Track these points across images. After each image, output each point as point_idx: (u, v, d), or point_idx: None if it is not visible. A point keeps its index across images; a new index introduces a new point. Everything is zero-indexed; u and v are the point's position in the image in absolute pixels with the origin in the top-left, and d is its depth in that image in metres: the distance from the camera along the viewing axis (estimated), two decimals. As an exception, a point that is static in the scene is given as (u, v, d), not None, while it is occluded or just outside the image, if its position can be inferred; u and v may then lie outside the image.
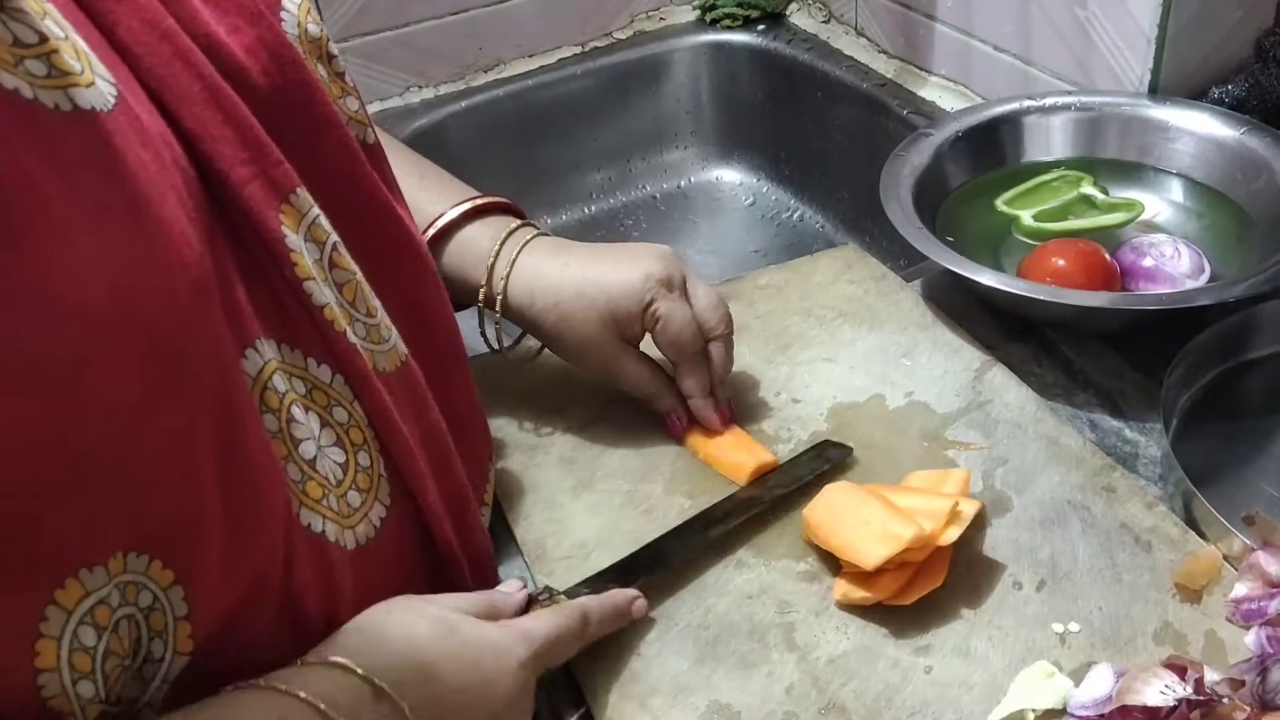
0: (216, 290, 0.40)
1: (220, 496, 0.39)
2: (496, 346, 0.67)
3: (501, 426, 0.69)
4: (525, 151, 1.18)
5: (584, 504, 0.63)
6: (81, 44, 0.37)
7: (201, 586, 0.39)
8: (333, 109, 0.48)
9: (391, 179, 0.54)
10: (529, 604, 0.53)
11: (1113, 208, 0.82)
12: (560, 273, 0.64)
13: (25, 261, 0.33)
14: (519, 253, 0.65)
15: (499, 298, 0.64)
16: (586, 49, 1.21)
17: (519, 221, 0.67)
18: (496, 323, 0.66)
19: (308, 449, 0.45)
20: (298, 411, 0.44)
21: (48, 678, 0.35)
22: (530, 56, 1.19)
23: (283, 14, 0.47)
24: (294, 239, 0.44)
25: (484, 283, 0.65)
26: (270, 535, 0.42)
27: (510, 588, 0.54)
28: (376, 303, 0.50)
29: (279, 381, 0.44)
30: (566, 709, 0.54)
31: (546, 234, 0.67)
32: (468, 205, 0.66)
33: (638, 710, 0.52)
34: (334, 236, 0.47)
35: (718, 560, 0.59)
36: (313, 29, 0.49)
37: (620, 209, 1.24)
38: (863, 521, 0.56)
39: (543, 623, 0.50)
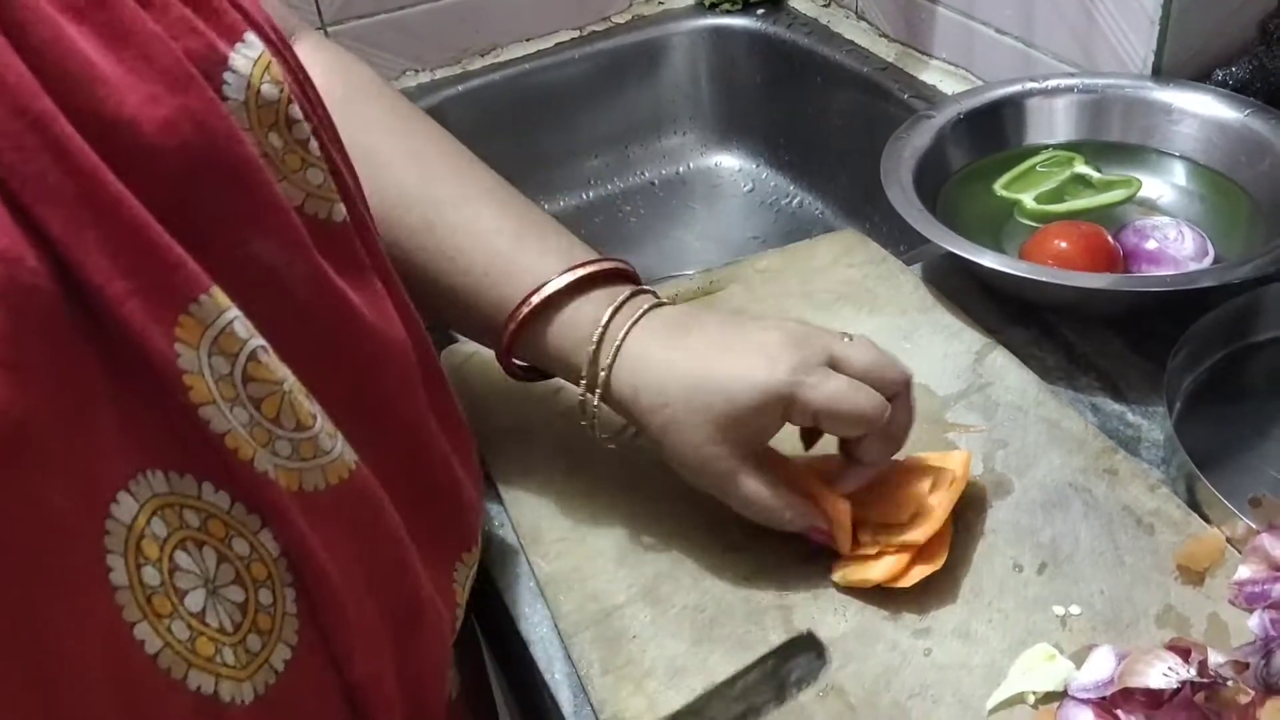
0: (51, 443, 0.33)
1: (81, 696, 0.34)
2: (598, 436, 0.58)
3: (495, 412, 0.68)
4: (522, 137, 1.17)
5: (580, 486, 0.63)
6: None
7: None
8: (274, 190, 0.41)
9: (369, 258, 0.47)
10: None
11: (1110, 185, 0.81)
12: (671, 365, 0.53)
13: None
14: (625, 335, 0.54)
15: (598, 391, 0.55)
16: (584, 33, 1.20)
17: (629, 289, 0.56)
18: (596, 410, 0.56)
19: (195, 600, 0.38)
20: (183, 557, 0.38)
21: None
22: (527, 40, 1.18)
23: (226, 75, 0.39)
24: (190, 357, 0.37)
25: (585, 368, 0.55)
26: (150, 710, 0.36)
27: None
28: (314, 409, 0.42)
29: (158, 525, 0.37)
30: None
31: (665, 304, 0.57)
32: (577, 274, 0.56)
33: (633, 693, 0.52)
34: (256, 341, 0.40)
35: (714, 543, 0.58)
36: (267, 90, 0.41)
37: (618, 195, 1.23)
38: (868, 487, 0.56)
39: None
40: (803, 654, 0.53)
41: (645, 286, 0.59)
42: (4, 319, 0.31)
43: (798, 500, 0.55)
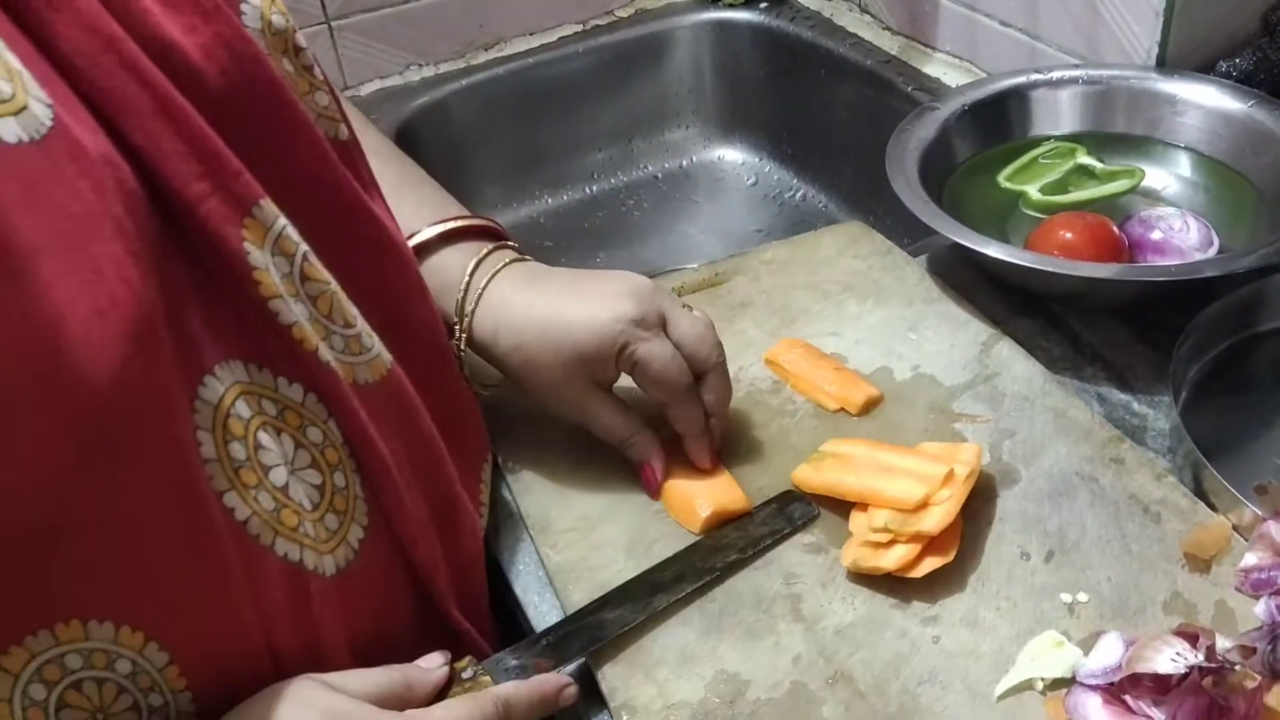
0: (163, 328, 0.37)
1: (178, 544, 0.38)
2: (470, 384, 0.62)
3: (504, 403, 0.68)
4: (526, 131, 1.17)
5: (589, 476, 0.63)
6: (14, 62, 0.34)
7: (176, 640, 0.38)
8: (300, 107, 0.45)
9: (368, 176, 0.51)
10: (450, 682, 0.49)
11: (1113, 176, 0.81)
12: (525, 309, 0.58)
13: None
14: (487, 283, 0.60)
15: (464, 335, 0.60)
16: (588, 27, 1.20)
17: (493, 245, 0.62)
18: (463, 356, 0.61)
19: (278, 475, 0.42)
20: (265, 437, 0.42)
21: None
22: (531, 35, 1.18)
23: (244, 6, 0.44)
24: (258, 255, 0.42)
25: (455, 315, 0.60)
26: (229, 578, 0.40)
27: (430, 663, 0.49)
28: (355, 311, 0.47)
29: (243, 407, 0.41)
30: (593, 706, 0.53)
31: (525, 259, 0.62)
32: (443, 227, 0.61)
33: (643, 681, 0.52)
34: (304, 246, 0.44)
35: (723, 531, 0.59)
36: (277, 20, 0.45)
37: (622, 189, 1.23)
38: (884, 469, 0.56)
39: (452, 715, 0.46)
40: (798, 501, 0.60)
41: (510, 243, 0.63)
42: (125, 215, 0.36)
43: (646, 436, 0.60)
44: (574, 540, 0.59)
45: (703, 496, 0.59)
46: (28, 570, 0.34)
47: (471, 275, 0.60)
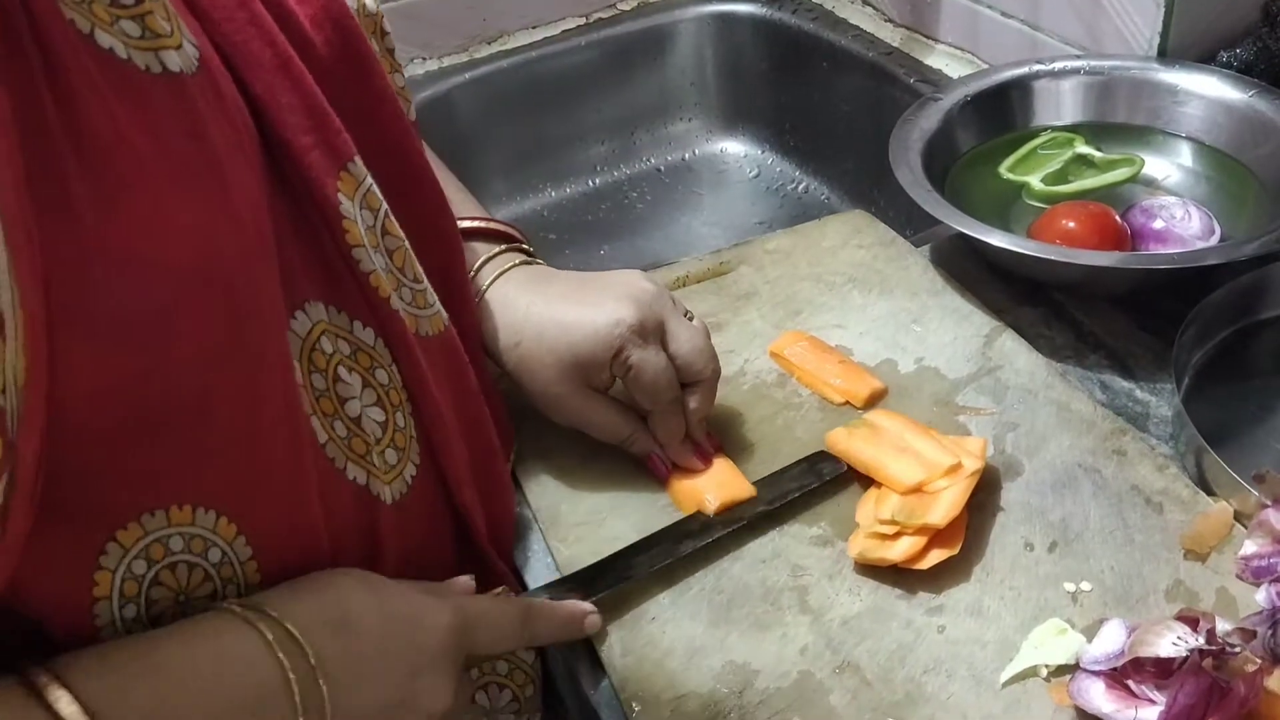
0: (275, 253, 0.41)
1: (279, 451, 0.41)
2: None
3: (513, 398, 0.69)
4: (529, 124, 1.18)
5: (597, 471, 0.63)
6: (169, 5, 0.38)
7: (264, 540, 0.41)
8: (388, 82, 0.49)
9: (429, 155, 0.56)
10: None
11: (1112, 165, 0.81)
12: (525, 310, 0.60)
13: (121, 221, 0.34)
14: (491, 283, 0.61)
15: None
16: (590, 20, 1.20)
17: (503, 247, 0.63)
18: None
19: (352, 407, 0.46)
20: (343, 371, 0.46)
21: (102, 606, 0.38)
22: (534, 28, 1.19)
23: None
24: (348, 206, 0.46)
25: None
26: (316, 489, 0.43)
27: (458, 581, 0.52)
28: (421, 270, 0.51)
29: (326, 342, 0.45)
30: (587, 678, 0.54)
31: (534, 262, 0.63)
32: (473, 224, 0.63)
33: (653, 672, 0.53)
34: (385, 205, 0.48)
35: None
36: (370, 3, 0.50)
37: (624, 181, 1.23)
38: (901, 448, 0.59)
39: (479, 602, 0.50)
40: (828, 459, 0.62)
41: (523, 246, 0.65)
42: (252, 149, 0.40)
43: (643, 431, 0.61)
44: (584, 534, 0.60)
45: (710, 489, 0.60)
46: (170, 448, 0.37)
47: (477, 272, 0.62)
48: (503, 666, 0.56)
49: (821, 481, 0.60)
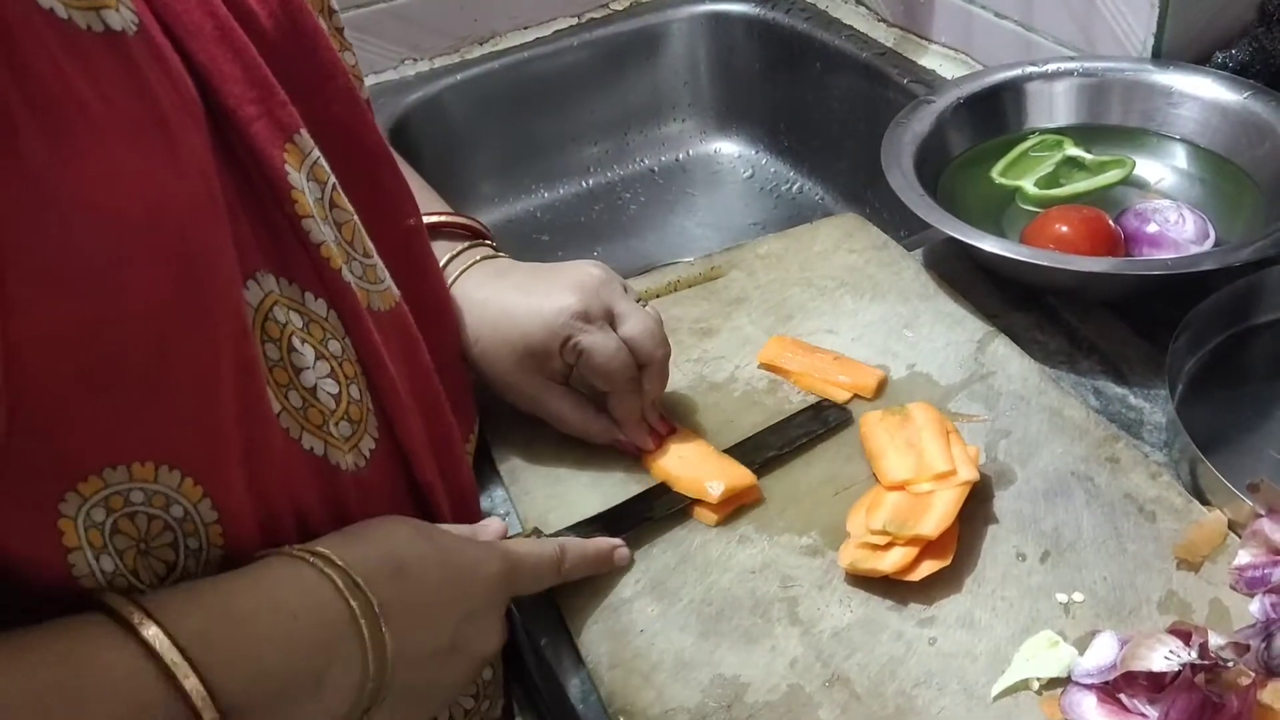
0: (225, 213, 0.41)
1: (238, 413, 0.41)
2: None
3: (501, 404, 0.68)
4: (521, 125, 1.17)
5: (586, 478, 0.63)
6: None
7: (229, 503, 0.42)
8: (336, 56, 0.49)
9: (382, 132, 0.55)
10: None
11: (1103, 166, 0.81)
12: (482, 304, 0.61)
13: (71, 170, 0.34)
14: (455, 279, 0.63)
15: None
16: (583, 20, 1.20)
17: (467, 243, 0.65)
18: None
19: (307, 378, 0.46)
20: (297, 342, 0.46)
21: (76, 557, 0.38)
22: (525, 29, 1.18)
23: None
24: (296, 177, 0.46)
25: None
26: (275, 456, 0.44)
27: (491, 524, 0.56)
28: (372, 245, 0.51)
29: (279, 313, 0.45)
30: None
31: (497, 256, 0.65)
32: (440, 218, 0.65)
33: (642, 685, 0.52)
34: (333, 179, 0.48)
35: (720, 536, 0.59)
36: None
37: (618, 182, 1.23)
38: (908, 444, 0.59)
39: (521, 546, 0.52)
40: (832, 407, 0.65)
41: (487, 241, 0.66)
42: (198, 114, 0.40)
43: (602, 422, 0.62)
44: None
45: (713, 477, 0.60)
46: (127, 403, 0.37)
47: (442, 270, 0.63)
48: None
49: (827, 428, 0.62)
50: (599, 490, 0.62)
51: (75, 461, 0.37)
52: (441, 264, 0.63)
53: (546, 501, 0.62)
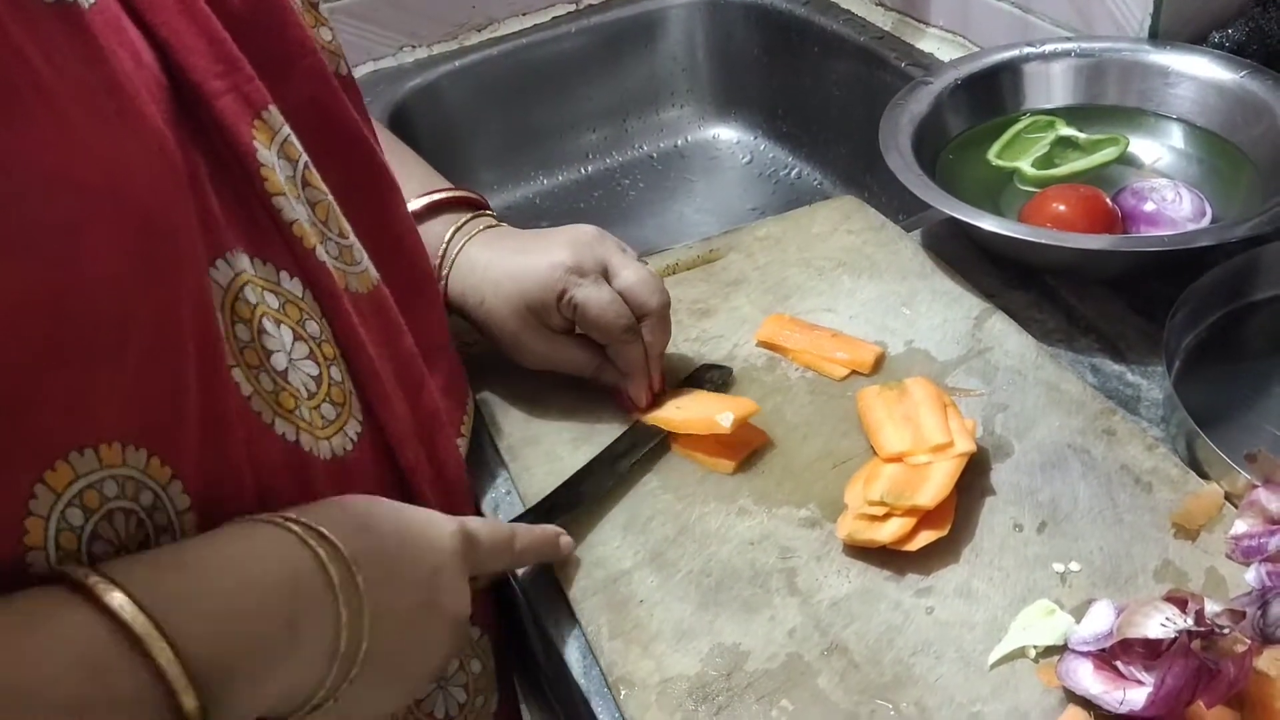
0: (189, 186, 0.40)
1: (199, 390, 0.40)
2: (460, 344, 0.66)
3: (500, 382, 0.69)
4: (520, 112, 1.17)
5: (584, 455, 0.63)
6: None
7: (198, 487, 0.40)
8: (306, 34, 0.49)
9: (362, 112, 0.54)
10: None
11: (1097, 145, 0.81)
12: (486, 268, 0.63)
13: (20, 132, 0.33)
14: (461, 249, 0.64)
15: (447, 301, 0.64)
16: (581, 6, 1.20)
17: (471, 214, 0.66)
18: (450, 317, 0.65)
19: (279, 360, 0.45)
20: (269, 324, 0.45)
21: (35, 555, 0.36)
22: (523, 15, 1.18)
23: None
24: (266, 154, 0.45)
25: (441, 278, 0.64)
26: (238, 439, 0.42)
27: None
28: (348, 226, 0.50)
29: (250, 293, 0.44)
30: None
31: (498, 225, 0.66)
32: (430, 199, 0.66)
33: (641, 656, 0.52)
34: (305, 157, 0.48)
35: (719, 508, 0.59)
36: None
37: (616, 169, 1.23)
38: (905, 417, 0.60)
39: (476, 521, 0.51)
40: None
41: (488, 211, 0.68)
42: (158, 95, 0.39)
43: (608, 363, 0.64)
44: (571, 518, 0.60)
45: (720, 411, 0.61)
46: (91, 377, 0.36)
47: (449, 241, 0.65)
48: None
49: (714, 387, 0.65)
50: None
51: (42, 443, 0.36)
52: (446, 237, 0.64)
53: (546, 479, 0.62)
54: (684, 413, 0.63)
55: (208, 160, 0.43)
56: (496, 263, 0.63)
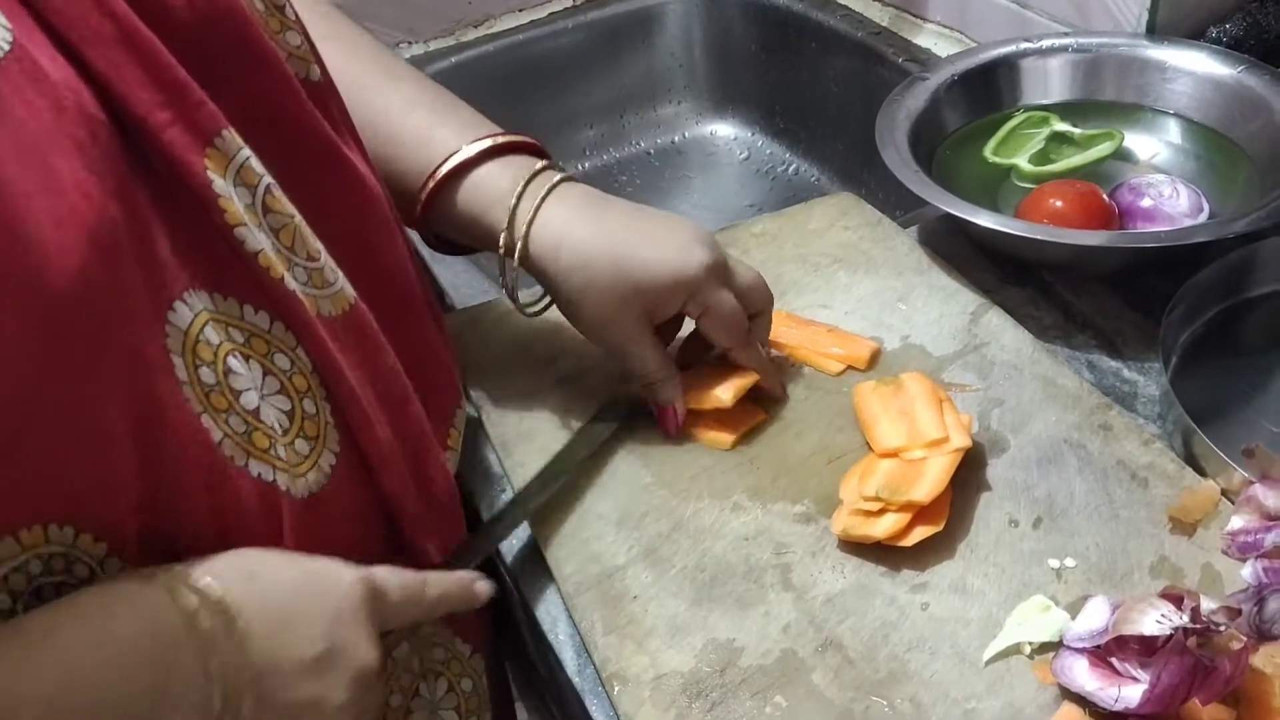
0: (128, 245, 0.38)
1: (140, 457, 0.38)
2: (513, 298, 0.63)
3: (493, 377, 0.68)
4: (516, 108, 1.17)
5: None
6: None
7: (131, 553, 0.39)
8: (267, 44, 0.45)
9: (340, 117, 0.52)
10: None
11: (1093, 140, 0.81)
12: (594, 234, 0.59)
13: None
14: (544, 199, 0.60)
15: (519, 245, 0.60)
16: (577, 2, 1.20)
17: (543, 163, 0.62)
18: (515, 271, 0.61)
19: (249, 399, 0.43)
20: (235, 362, 0.43)
21: None
22: (520, 11, 1.18)
23: None
24: (221, 184, 0.43)
25: (504, 228, 0.60)
26: (191, 495, 0.41)
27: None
28: (319, 245, 0.48)
29: (212, 333, 0.42)
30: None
31: (574, 180, 0.62)
32: (488, 143, 0.61)
33: (635, 651, 0.52)
34: (267, 179, 0.45)
35: (714, 504, 0.59)
36: None
37: (614, 165, 1.22)
38: (901, 412, 0.59)
39: (384, 569, 0.48)
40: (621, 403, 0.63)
41: (554, 163, 0.64)
42: (86, 136, 0.37)
43: (675, 379, 0.62)
44: (565, 514, 0.60)
45: (718, 385, 0.63)
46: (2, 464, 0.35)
47: (525, 188, 0.60)
48: (439, 653, 0.55)
49: (614, 429, 0.63)
50: (595, 465, 0.62)
51: None
52: (518, 186, 0.60)
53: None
54: (684, 387, 0.63)
55: (159, 196, 0.41)
56: (611, 235, 0.59)
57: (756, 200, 1.18)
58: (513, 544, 0.60)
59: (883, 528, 0.54)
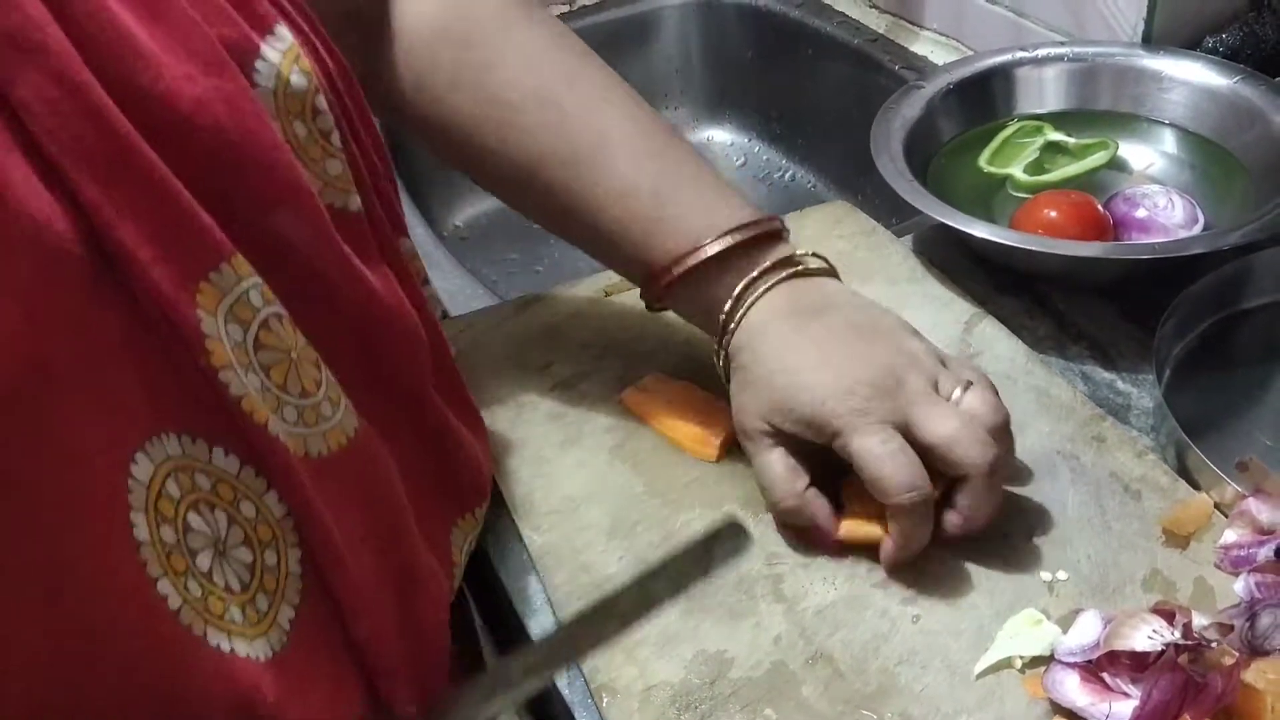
0: (66, 386, 0.34)
1: (47, 648, 0.34)
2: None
3: (487, 384, 0.68)
4: (513, 112, 1.17)
5: (572, 458, 0.63)
6: None
7: None
8: (298, 173, 0.42)
9: (373, 245, 0.48)
10: None
11: (1087, 150, 0.81)
12: (780, 339, 0.56)
13: None
14: (745, 312, 0.58)
15: (724, 350, 0.59)
16: (574, 7, 1.19)
17: (771, 260, 0.59)
18: (721, 366, 0.60)
19: (203, 560, 0.39)
20: (194, 519, 0.39)
21: None
22: (517, 15, 1.18)
23: (258, 64, 0.42)
24: (210, 323, 0.39)
25: (718, 335, 0.59)
26: (144, 683, 0.37)
27: None
28: (320, 375, 0.44)
29: (172, 487, 0.38)
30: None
31: (800, 273, 0.59)
32: (728, 241, 0.58)
33: (624, 661, 0.52)
34: (269, 309, 0.42)
35: (704, 515, 0.59)
36: (296, 81, 0.43)
37: (610, 171, 1.22)
38: None
39: None
40: (730, 539, 0.45)
41: (787, 248, 0.61)
42: (29, 274, 0.33)
43: (800, 501, 0.55)
44: (556, 523, 0.59)
45: (714, 426, 0.62)
46: None
47: (735, 299, 0.58)
48: None
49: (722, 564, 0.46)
50: (585, 470, 0.62)
51: None
52: (732, 294, 0.58)
53: (532, 482, 0.62)
54: (673, 411, 0.64)
55: (138, 331, 0.37)
56: (791, 347, 0.56)
57: (752, 206, 1.18)
58: (503, 552, 0.60)
59: (883, 527, 0.54)
